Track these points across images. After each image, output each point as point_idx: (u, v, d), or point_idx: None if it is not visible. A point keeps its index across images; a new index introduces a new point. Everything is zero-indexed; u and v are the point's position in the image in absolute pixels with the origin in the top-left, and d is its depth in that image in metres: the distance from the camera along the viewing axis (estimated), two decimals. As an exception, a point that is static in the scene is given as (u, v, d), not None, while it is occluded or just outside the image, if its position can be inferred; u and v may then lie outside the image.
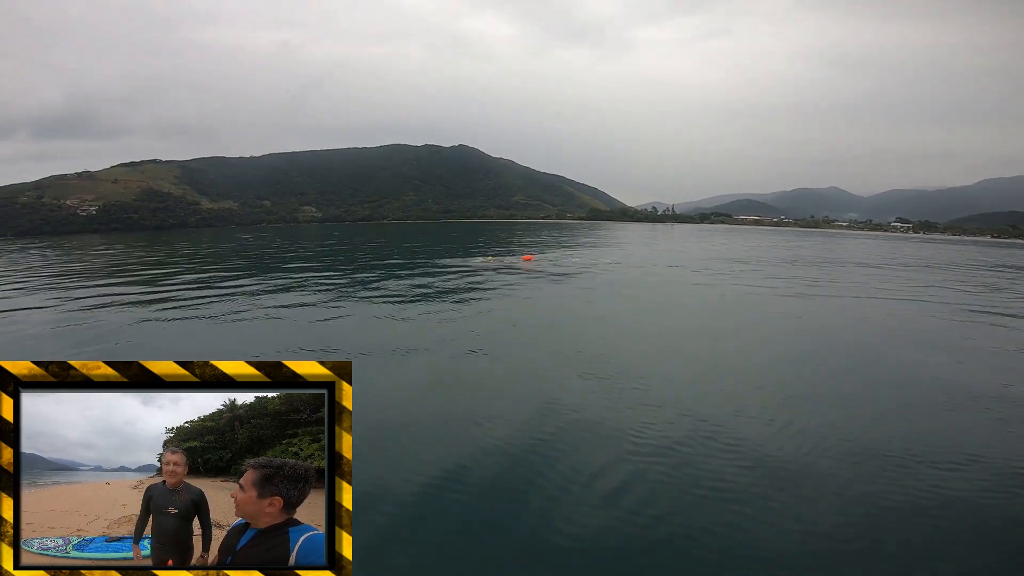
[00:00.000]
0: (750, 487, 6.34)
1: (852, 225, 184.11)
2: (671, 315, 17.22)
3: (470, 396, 9.47)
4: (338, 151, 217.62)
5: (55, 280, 27.10)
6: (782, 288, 23.60)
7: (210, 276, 28.15)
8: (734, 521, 5.66)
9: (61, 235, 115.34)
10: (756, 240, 72.63)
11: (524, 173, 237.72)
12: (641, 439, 7.58)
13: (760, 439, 7.56)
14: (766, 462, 6.93)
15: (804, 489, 6.29)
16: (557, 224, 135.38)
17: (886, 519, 5.75)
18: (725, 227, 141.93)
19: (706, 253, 45.64)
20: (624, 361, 11.58)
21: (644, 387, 9.84)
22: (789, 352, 12.71)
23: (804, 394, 9.61)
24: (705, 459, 7.01)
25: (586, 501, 6.09)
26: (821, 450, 7.28)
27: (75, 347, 13.18)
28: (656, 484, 6.44)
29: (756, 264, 36.02)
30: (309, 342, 13.09)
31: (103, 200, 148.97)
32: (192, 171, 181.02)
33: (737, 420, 8.24)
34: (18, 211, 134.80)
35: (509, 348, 12.68)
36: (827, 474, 6.67)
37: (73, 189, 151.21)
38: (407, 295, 20.26)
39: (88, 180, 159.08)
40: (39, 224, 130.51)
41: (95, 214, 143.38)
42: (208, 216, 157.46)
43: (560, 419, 8.39)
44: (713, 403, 8.98)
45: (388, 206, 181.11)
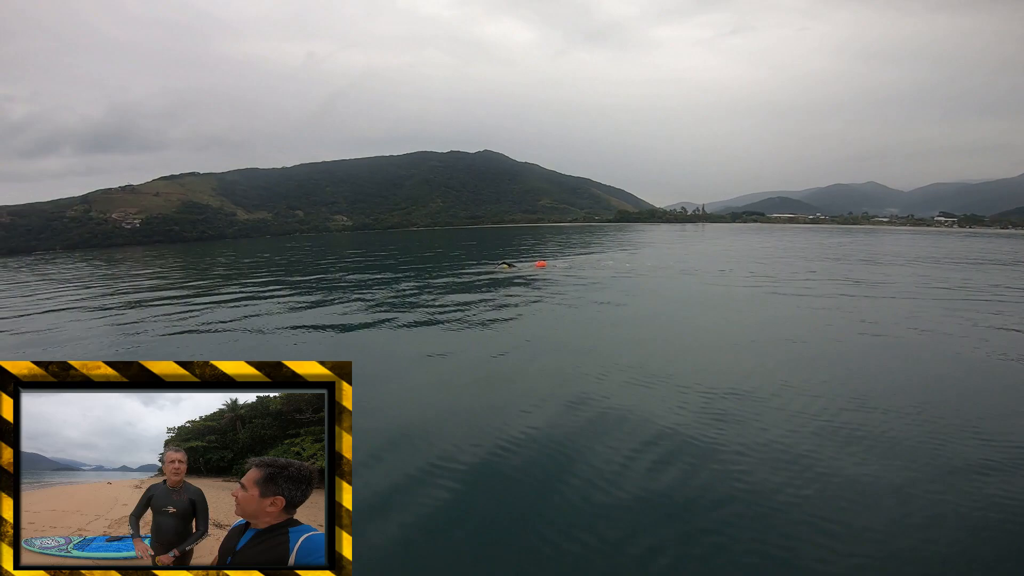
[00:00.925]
0: (819, 507, 6.02)
1: (893, 221, 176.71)
2: (758, 335, 14.16)
3: (471, 397, 9.44)
4: (366, 160, 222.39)
5: (132, 292, 28.29)
6: (842, 291, 21.91)
7: (255, 283, 29.00)
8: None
9: (107, 248, 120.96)
10: (795, 239, 69.92)
11: (550, 176, 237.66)
12: (680, 443, 7.38)
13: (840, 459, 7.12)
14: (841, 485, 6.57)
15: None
16: (585, 227, 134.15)
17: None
18: (758, 226, 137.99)
19: (748, 254, 43.08)
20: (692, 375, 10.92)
21: (721, 397, 9.36)
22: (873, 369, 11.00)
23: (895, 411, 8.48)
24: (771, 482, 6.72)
25: (588, 503, 6.00)
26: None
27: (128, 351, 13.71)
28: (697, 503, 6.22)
29: (805, 264, 33.86)
30: (309, 343, 13.41)
31: (146, 213, 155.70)
32: (228, 183, 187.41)
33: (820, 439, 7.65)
34: (67, 224, 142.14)
35: (540, 354, 12.53)
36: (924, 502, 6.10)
37: (117, 203, 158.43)
38: (426, 305, 20.37)
39: (131, 193, 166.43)
40: (87, 237, 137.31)
41: (139, 227, 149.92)
42: (244, 227, 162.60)
43: (567, 420, 8.26)
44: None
45: (416, 213, 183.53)
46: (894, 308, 17.85)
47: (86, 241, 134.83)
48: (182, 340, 15.02)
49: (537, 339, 13.75)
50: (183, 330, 16.33)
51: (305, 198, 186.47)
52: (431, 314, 17.68)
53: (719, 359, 11.70)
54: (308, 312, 18.81)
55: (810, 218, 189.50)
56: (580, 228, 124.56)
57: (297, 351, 13.04)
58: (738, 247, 52.48)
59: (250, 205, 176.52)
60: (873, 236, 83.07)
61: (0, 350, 14.95)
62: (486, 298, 20.78)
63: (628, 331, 14.82)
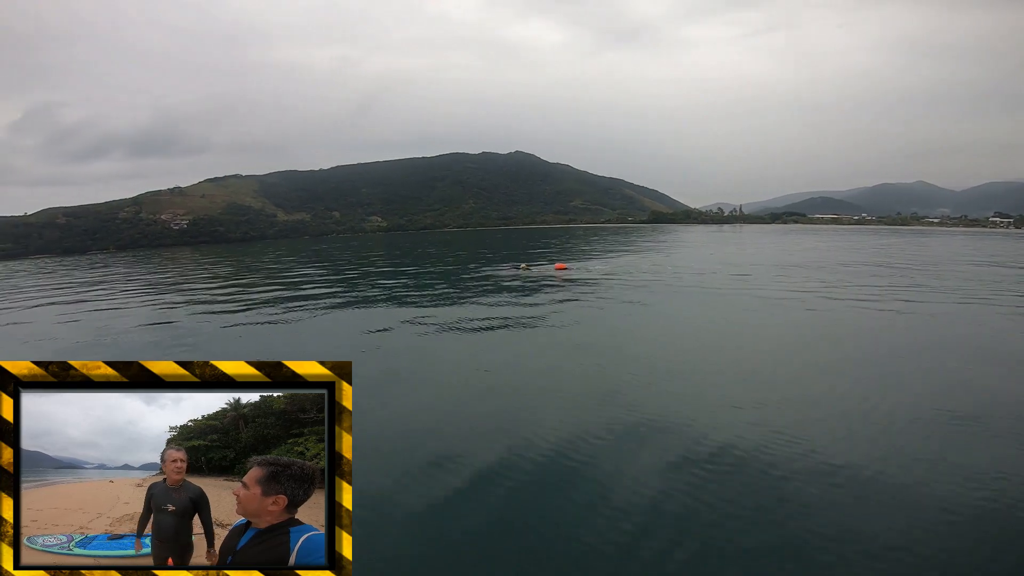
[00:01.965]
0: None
1: (945, 221, 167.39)
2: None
3: (472, 397, 9.42)
4: (399, 161, 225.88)
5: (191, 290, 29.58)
6: (904, 297, 20.28)
7: (294, 283, 29.82)
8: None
9: (157, 248, 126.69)
10: (842, 240, 66.89)
11: (582, 177, 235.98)
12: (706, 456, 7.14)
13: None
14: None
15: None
16: (618, 228, 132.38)
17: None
18: (799, 227, 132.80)
19: (792, 257, 40.87)
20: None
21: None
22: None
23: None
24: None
25: (590, 504, 5.92)
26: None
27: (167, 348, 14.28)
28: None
29: (859, 267, 31.81)
30: (308, 344, 13.70)
31: (193, 214, 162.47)
32: (268, 184, 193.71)
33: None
34: (119, 225, 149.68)
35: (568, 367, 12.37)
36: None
37: (166, 204, 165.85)
38: (435, 306, 20.42)
39: (179, 195, 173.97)
40: (138, 238, 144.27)
41: (186, 227, 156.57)
42: (284, 227, 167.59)
43: (569, 421, 8.16)
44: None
45: (449, 214, 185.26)
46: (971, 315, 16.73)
47: (137, 241, 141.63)
48: (222, 334, 15.54)
49: (552, 344, 13.61)
50: (230, 323, 16.92)
51: (342, 199, 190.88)
52: (439, 316, 17.69)
53: (761, 364, 11.31)
54: (335, 312, 19.20)
55: (855, 219, 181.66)
56: (614, 229, 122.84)
57: (315, 350, 13.22)
58: (783, 248, 50.73)
59: (289, 206, 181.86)
60: (928, 237, 78.71)
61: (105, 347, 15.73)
62: (500, 301, 20.71)
63: (656, 336, 14.51)
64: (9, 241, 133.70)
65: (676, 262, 35.84)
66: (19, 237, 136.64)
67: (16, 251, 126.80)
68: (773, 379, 10.22)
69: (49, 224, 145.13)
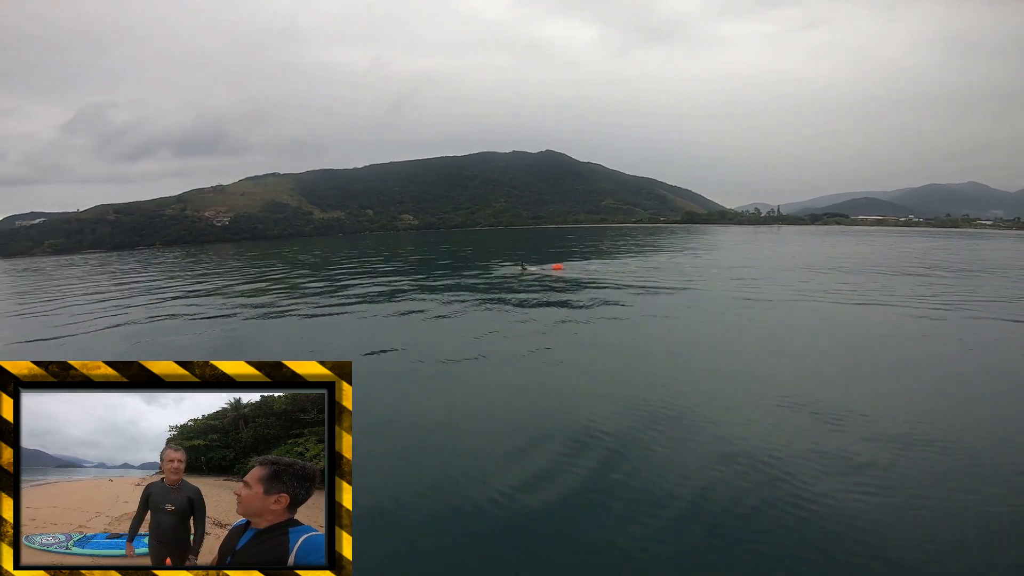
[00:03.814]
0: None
1: (998, 223, 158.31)
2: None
3: (474, 398, 9.34)
4: (431, 160, 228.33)
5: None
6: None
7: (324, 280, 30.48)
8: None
9: (201, 244, 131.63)
10: (890, 243, 63.68)
11: (613, 177, 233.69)
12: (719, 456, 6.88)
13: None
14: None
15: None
16: (651, 228, 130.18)
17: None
18: (840, 228, 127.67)
19: (846, 262, 38.00)
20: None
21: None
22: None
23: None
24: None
25: (592, 506, 5.83)
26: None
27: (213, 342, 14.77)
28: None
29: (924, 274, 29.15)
30: (308, 342, 13.79)
31: (234, 212, 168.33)
32: (305, 183, 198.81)
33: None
34: (165, 222, 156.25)
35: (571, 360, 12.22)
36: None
37: (209, 202, 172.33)
38: (439, 305, 20.40)
39: (221, 193, 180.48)
40: (183, 234, 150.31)
41: (228, 224, 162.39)
42: (320, 225, 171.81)
43: (572, 423, 8.01)
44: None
45: (480, 212, 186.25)
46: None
47: (182, 237, 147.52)
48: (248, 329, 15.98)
49: (562, 345, 13.41)
50: (270, 316, 17.38)
51: (375, 197, 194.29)
52: (440, 314, 17.63)
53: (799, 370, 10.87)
54: (332, 312, 19.45)
55: (901, 220, 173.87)
56: (645, 229, 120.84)
57: (329, 348, 13.34)
58: (826, 251, 48.92)
59: (325, 205, 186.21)
60: (981, 241, 74.17)
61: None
62: (503, 300, 20.51)
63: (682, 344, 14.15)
64: (62, 236, 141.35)
65: (706, 262, 35.01)
66: (72, 232, 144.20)
67: (68, 246, 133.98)
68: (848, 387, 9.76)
69: (100, 220, 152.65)
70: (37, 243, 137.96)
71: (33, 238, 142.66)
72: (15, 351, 14.82)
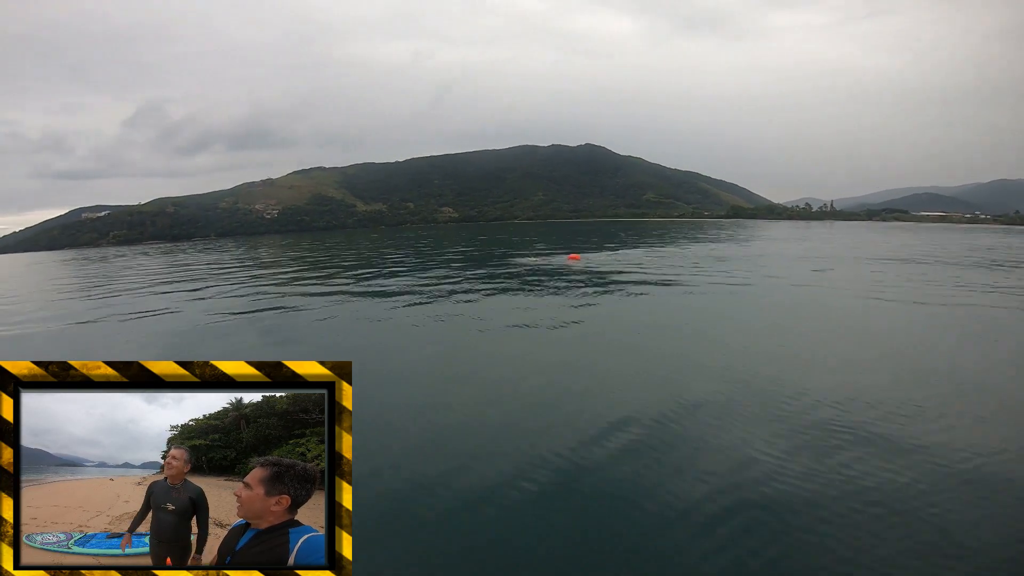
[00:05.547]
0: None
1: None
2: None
3: (475, 398, 9.14)
4: (471, 153, 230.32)
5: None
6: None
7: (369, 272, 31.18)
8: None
9: (252, 236, 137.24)
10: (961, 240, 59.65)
11: (654, 170, 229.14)
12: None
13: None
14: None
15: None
16: (693, 222, 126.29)
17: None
18: (899, 224, 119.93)
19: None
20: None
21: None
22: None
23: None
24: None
25: (594, 506, 5.74)
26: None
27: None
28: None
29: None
30: (307, 340, 13.79)
31: (282, 205, 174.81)
32: (349, 176, 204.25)
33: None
34: (219, 214, 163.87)
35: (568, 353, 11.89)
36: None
37: (259, 195, 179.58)
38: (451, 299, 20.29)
39: (270, 187, 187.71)
40: (235, 226, 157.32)
41: (276, 216, 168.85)
42: (362, 217, 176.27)
43: (575, 424, 7.83)
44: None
45: (519, 206, 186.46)
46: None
47: (234, 229, 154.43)
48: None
49: (567, 340, 13.12)
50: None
51: (416, 190, 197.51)
52: (450, 310, 17.38)
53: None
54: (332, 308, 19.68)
55: (967, 216, 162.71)
56: (688, 223, 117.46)
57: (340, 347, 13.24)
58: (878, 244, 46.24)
59: (367, 197, 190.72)
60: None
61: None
62: (520, 293, 20.19)
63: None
64: (125, 227, 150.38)
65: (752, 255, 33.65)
66: (134, 224, 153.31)
67: (131, 237, 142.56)
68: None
69: (160, 213, 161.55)
70: (102, 235, 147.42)
71: (99, 230, 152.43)
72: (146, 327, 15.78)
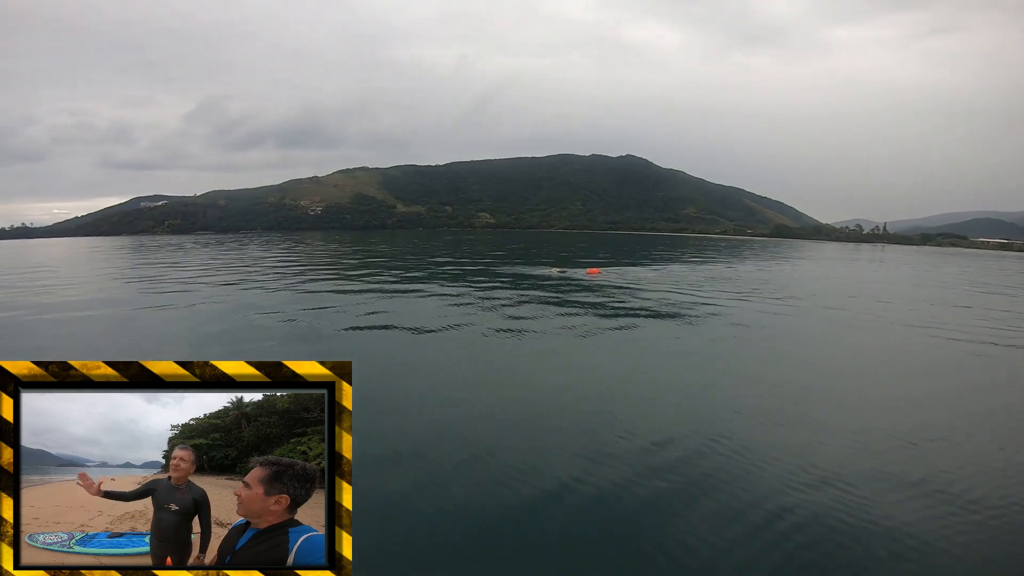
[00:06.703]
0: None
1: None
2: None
3: (475, 399, 9.07)
4: (510, 160, 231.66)
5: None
6: None
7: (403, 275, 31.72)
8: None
9: (296, 231, 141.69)
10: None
11: (697, 185, 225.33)
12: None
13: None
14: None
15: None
16: (735, 240, 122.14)
17: None
18: (957, 251, 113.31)
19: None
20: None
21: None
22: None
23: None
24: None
25: (595, 506, 5.70)
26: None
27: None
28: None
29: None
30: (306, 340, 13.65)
31: (326, 202, 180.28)
32: (390, 177, 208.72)
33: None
34: (266, 209, 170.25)
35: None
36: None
37: (304, 192, 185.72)
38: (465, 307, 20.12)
39: (316, 184, 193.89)
40: (281, 221, 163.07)
41: (320, 214, 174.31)
42: (401, 218, 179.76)
43: (577, 425, 7.81)
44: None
45: (555, 215, 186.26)
46: None
47: (280, 224, 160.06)
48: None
49: (569, 353, 12.73)
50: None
51: (454, 195, 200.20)
52: (457, 316, 16.95)
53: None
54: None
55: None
56: (730, 242, 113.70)
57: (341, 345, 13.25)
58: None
59: (407, 199, 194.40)
60: None
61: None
62: (539, 304, 19.70)
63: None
64: (179, 218, 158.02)
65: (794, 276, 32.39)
66: (187, 215, 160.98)
67: (184, 227, 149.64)
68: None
69: (212, 205, 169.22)
70: (158, 223, 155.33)
71: (155, 218, 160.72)
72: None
